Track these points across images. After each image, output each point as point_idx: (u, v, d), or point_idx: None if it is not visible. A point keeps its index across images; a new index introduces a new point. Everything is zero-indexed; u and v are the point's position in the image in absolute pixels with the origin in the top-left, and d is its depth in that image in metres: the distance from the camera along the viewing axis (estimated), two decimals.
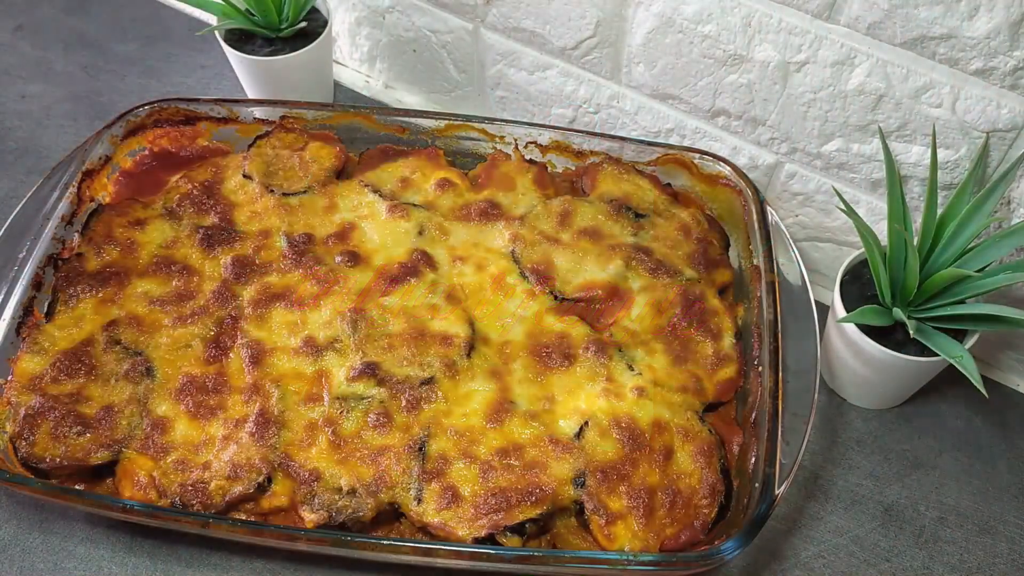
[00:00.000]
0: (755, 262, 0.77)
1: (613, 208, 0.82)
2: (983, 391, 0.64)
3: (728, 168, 0.82)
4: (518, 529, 0.64)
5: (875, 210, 0.79)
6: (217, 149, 0.86)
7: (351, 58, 1.07)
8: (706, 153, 0.83)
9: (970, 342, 0.71)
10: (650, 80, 0.83)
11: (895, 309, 0.69)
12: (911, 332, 0.66)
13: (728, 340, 0.75)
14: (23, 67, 1.06)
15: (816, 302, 0.74)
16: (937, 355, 0.68)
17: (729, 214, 0.84)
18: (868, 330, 0.71)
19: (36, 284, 0.74)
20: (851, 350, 0.74)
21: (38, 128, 1.00)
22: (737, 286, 0.81)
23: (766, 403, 0.68)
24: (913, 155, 0.73)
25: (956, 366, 0.66)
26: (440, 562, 0.62)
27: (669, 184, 0.87)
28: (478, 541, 0.63)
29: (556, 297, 0.77)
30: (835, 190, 0.78)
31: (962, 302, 0.69)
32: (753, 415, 0.69)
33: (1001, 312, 0.66)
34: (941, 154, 0.71)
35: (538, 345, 0.73)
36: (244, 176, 0.82)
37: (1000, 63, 0.63)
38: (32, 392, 0.68)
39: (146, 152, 0.84)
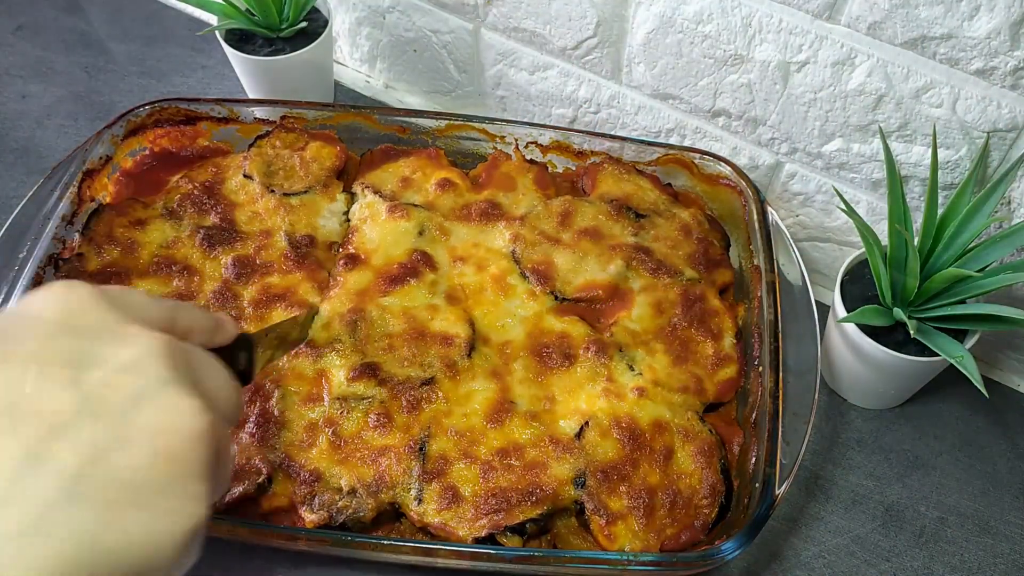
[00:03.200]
0: (756, 262, 0.77)
1: (614, 208, 0.82)
2: (983, 391, 0.64)
3: (728, 168, 0.82)
4: (518, 529, 0.63)
5: (875, 210, 0.79)
6: (218, 149, 0.86)
7: (351, 58, 1.07)
8: (707, 153, 0.83)
9: (970, 342, 0.71)
10: (650, 80, 0.83)
11: (895, 309, 0.69)
12: (912, 332, 0.66)
13: (728, 340, 0.75)
14: (23, 67, 1.06)
15: (816, 302, 0.74)
16: (937, 355, 0.68)
17: (729, 214, 0.84)
18: (868, 330, 0.71)
19: (37, 283, 0.73)
20: (852, 350, 0.74)
21: (38, 128, 1.00)
22: (737, 286, 0.81)
23: (766, 403, 0.68)
24: (914, 155, 0.73)
25: (956, 366, 0.66)
26: (441, 562, 0.62)
27: (670, 184, 0.87)
28: (478, 541, 0.63)
29: (557, 297, 0.77)
30: (835, 190, 0.78)
31: (962, 302, 0.69)
32: (754, 415, 0.69)
33: (1002, 312, 0.66)
34: (941, 154, 0.71)
35: (538, 345, 0.73)
36: (245, 176, 0.82)
37: (1000, 63, 0.63)
38: None
39: (147, 152, 0.84)
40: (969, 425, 0.79)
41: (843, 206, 0.70)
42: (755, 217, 0.79)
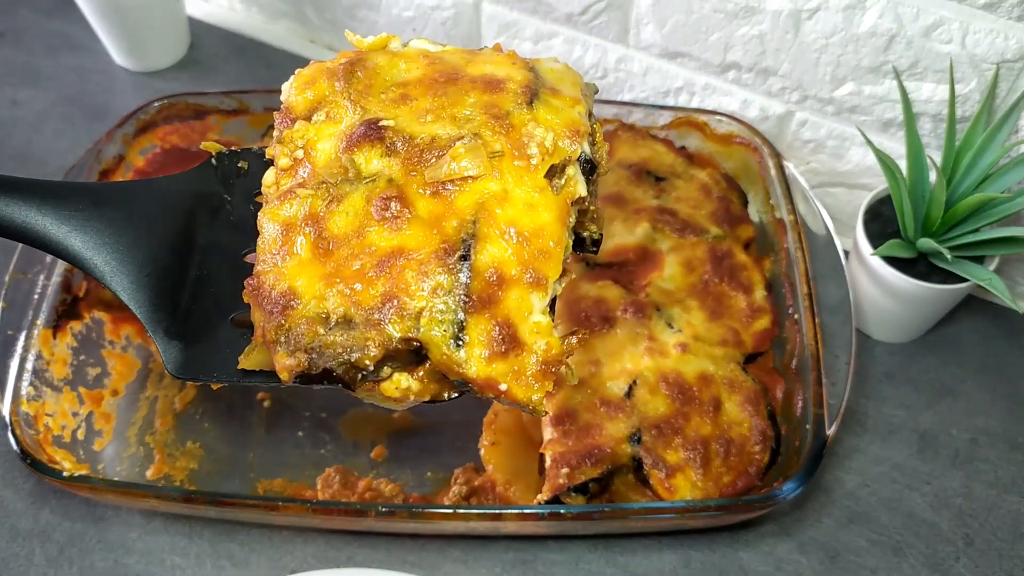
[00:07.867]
0: (778, 215, 0.79)
1: (633, 173, 0.83)
2: (1015, 306, 0.67)
3: (741, 126, 0.83)
4: (582, 488, 0.65)
5: (887, 150, 0.81)
6: (228, 143, 0.85)
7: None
8: (719, 113, 0.84)
9: (991, 267, 0.74)
10: (660, 40, 0.84)
11: (924, 240, 0.71)
12: (948, 258, 0.69)
13: (760, 292, 0.77)
14: (10, 74, 1.03)
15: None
16: (958, 283, 0.71)
17: (745, 171, 0.85)
18: (892, 264, 0.74)
19: (66, 287, 0.72)
20: (877, 285, 0.76)
21: (35, 134, 0.97)
22: (760, 240, 0.83)
23: (806, 349, 0.70)
24: (924, 92, 0.75)
25: (986, 287, 0.68)
26: (508, 527, 0.63)
27: (684, 147, 0.87)
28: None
29: (588, 264, 0.78)
30: (859, 129, 0.79)
31: (978, 230, 0.72)
32: (794, 362, 0.71)
33: (1019, 233, 0.69)
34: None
35: (576, 311, 0.74)
36: None
37: None
38: None
39: (157, 150, 0.83)
40: (988, 350, 0.83)
41: (865, 143, 0.72)
42: (772, 172, 0.80)
